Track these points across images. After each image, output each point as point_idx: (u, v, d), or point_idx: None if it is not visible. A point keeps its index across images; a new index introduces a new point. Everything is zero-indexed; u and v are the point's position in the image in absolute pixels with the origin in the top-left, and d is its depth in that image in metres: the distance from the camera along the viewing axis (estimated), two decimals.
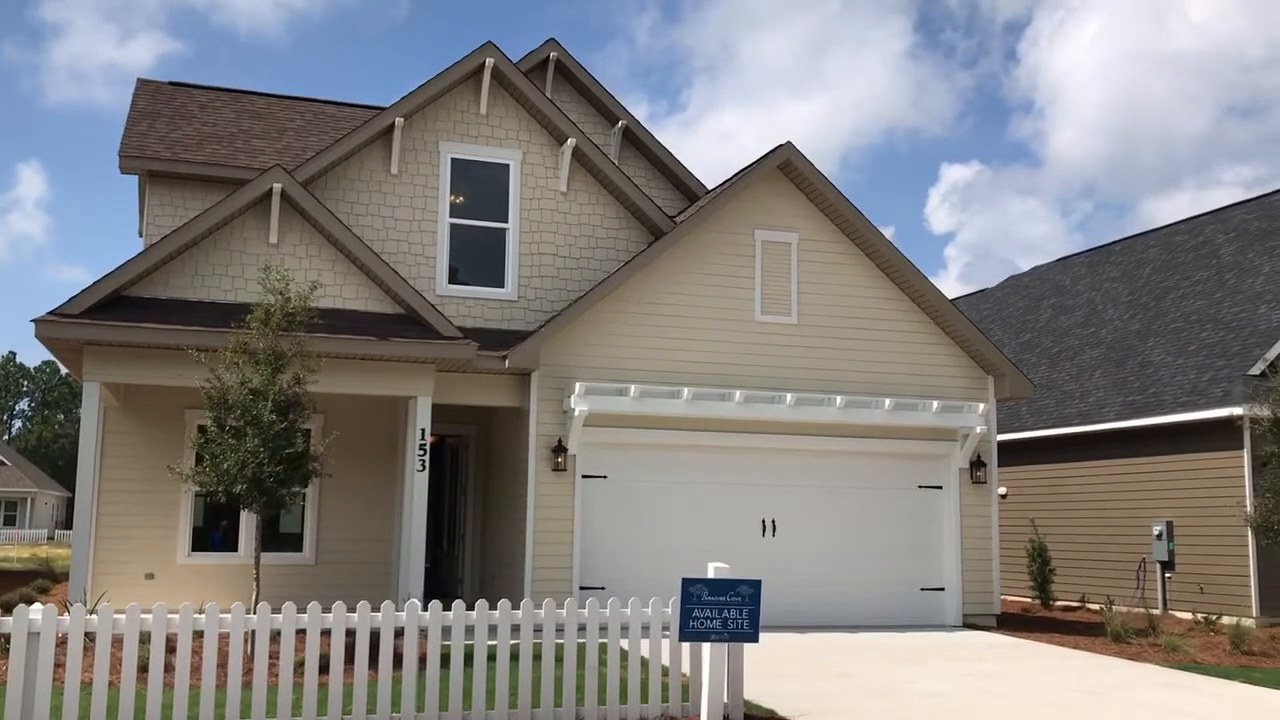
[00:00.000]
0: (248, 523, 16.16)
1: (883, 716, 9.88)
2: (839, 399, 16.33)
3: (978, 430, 16.97)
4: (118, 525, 15.78)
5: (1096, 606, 19.71)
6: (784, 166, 16.90)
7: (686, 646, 9.11)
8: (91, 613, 8.42)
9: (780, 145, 16.79)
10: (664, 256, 16.24)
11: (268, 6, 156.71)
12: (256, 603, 11.83)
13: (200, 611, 8.34)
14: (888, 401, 16.56)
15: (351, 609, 8.58)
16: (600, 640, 9.06)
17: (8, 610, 8.04)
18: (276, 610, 8.47)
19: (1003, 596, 23.02)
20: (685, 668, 9.22)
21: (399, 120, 15.85)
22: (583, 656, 8.98)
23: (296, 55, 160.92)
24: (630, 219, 17.12)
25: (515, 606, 8.98)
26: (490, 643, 8.78)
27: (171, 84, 20.33)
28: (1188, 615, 18.55)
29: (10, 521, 69.98)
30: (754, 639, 8.78)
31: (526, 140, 16.78)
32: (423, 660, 8.64)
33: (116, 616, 8.19)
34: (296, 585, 16.19)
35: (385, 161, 16.12)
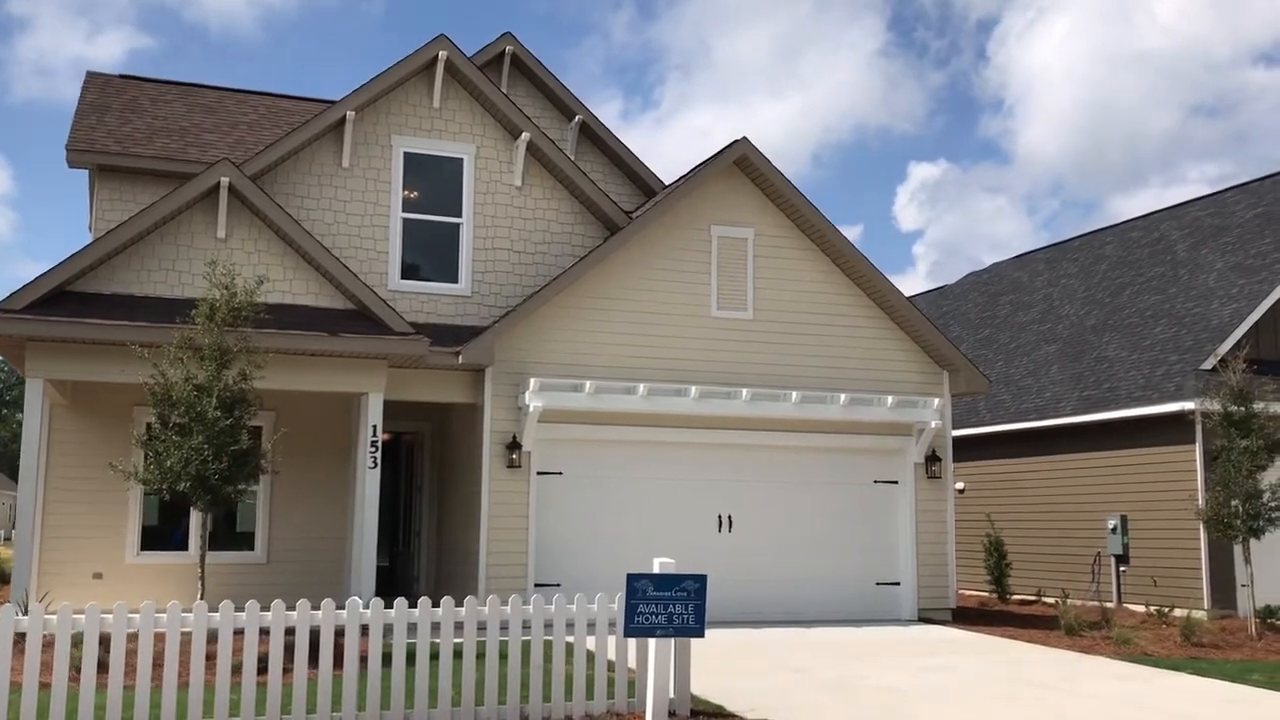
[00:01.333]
0: (195, 521, 15.95)
1: (835, 711, 9.87)
2: (794, 394, 16.32)
3: (932, 425, 17.01)
4: (65, 524, 15.53)
5: (1052, 600, 19.82)
6: (740, 162, 16.87)
7: (633, 642, 9.04)
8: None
9: (736, 140, 16.75)
10: (620, 252, 16.17)
11: (241, 3, 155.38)
12: (201, 599, 11.67)
13: (135, 611, 8.19)
14: (843, 397, 16.56)
15: (291, 607, 8.45)
16: (546, 638, 8.98)
17: None
18: (216, 609, 8.33)
19: (960, 590, 23.15)
20: (633, 663, 9.16)
21: (350, 113, 15.68)
22: (528, 653, 8.89)
23: (270, 52, 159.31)
24: (586, 214, 17.02)
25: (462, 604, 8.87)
26: (435, 640, 8.68)
27: (122, 77, 20.04)
28: (1141, 608, 18.69)
29: None
30: (699, 634, 8.73)
31: (480, 134, 16.65)
32: (365, 659, 8.54)
33: (48, 617, 8.01)
34: (249, 584, 15.98)
35: (337, 155, 15.94)
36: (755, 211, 17.06)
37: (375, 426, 14.46)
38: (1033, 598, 20.96)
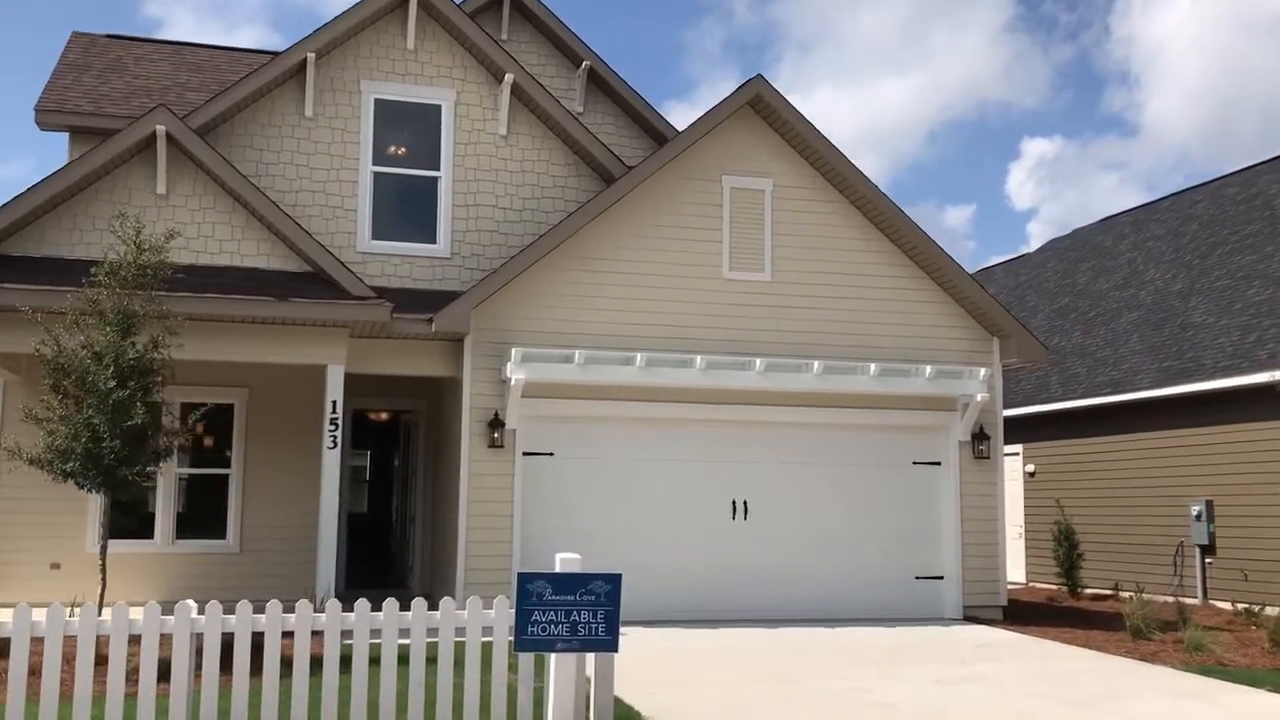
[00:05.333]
0: (164, 508, 14.75)
1: None
2: (816, 364, 14.44)
3: (978, 398, 14.97)
4: (20, 510, 14.35)
5: (1129, 595, 17.65)
6: (755, 103, 15.01)
7: (550, 656, 7.35)
8: None
9: (750, 79, 14.92)
10: (618, 206, 14.43)
11: None
12: (102, 599, 10.35)
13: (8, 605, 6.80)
14: (873, 366, 14.63)
15: (197, 609, 6.94)
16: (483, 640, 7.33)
17: None
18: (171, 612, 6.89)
19: (1030, 584, 21.04)
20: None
21: (310, 56, 14.16)
22: (435, 666, 7.27)
23: None
24: (581, 165, 15.31)
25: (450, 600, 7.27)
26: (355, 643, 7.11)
27: (109, 36, 18.90)
28: (1228, 605, 16.46)
29: None
30: (612, 648, 7.01)
31: (461, 78, 15.02)
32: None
33: None
34: (219, 575, 14.78)
35: (299, 104, 14.46)
36: (774, 160, 15.18)
37: (335, 402, 13.00)
38: (1108, 592, 18.77)
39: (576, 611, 6.92)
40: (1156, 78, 69.41)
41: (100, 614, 6.99)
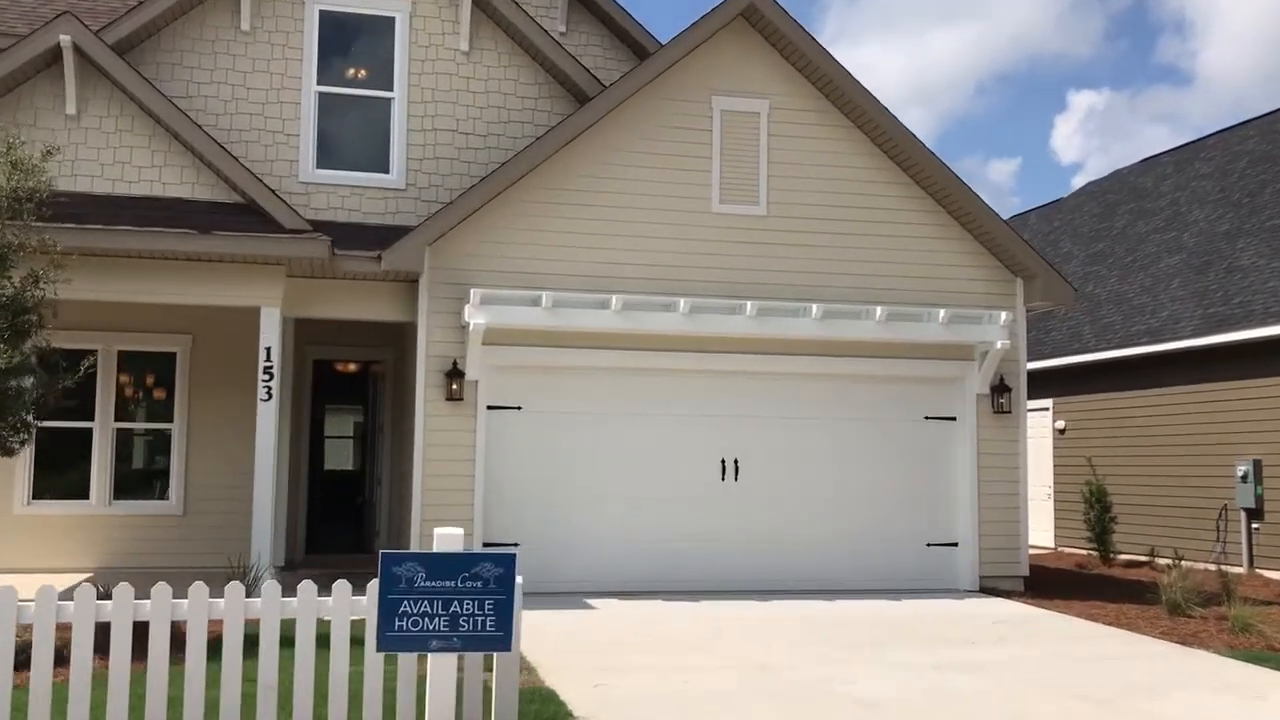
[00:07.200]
0: (100, 466, 13.51)
1: None
2: (816, 308, 12.90)
3: (999, 346, 13.39)
4: None
5: (1166, 562, 16.09)
6: (749, 14, 13.37)
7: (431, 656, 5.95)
8: None
9: None
10: (593, 131, 12.88)
11: None
12: None
13: None
14: (880, 310, 13.07)
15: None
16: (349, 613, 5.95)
17: None
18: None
19: (1060, 549, 19.53)
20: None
21: None
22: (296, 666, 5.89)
23: None
24: (554, 86, 13.75)
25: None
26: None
27: None
28: (1277, 575, 14.88)
29: None
30: (503, 646, 5.59)
31: None
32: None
33: None
34: (161, 540, 13.58)
35: (234, 15, 12.96)
36: (771, 79, 13.56)
37: (269, 349, 11.62)
38: (1144, 558, 17.21)
39: (458, 601, 5.51)
40: (1212, 25, 66.58)
41: None
